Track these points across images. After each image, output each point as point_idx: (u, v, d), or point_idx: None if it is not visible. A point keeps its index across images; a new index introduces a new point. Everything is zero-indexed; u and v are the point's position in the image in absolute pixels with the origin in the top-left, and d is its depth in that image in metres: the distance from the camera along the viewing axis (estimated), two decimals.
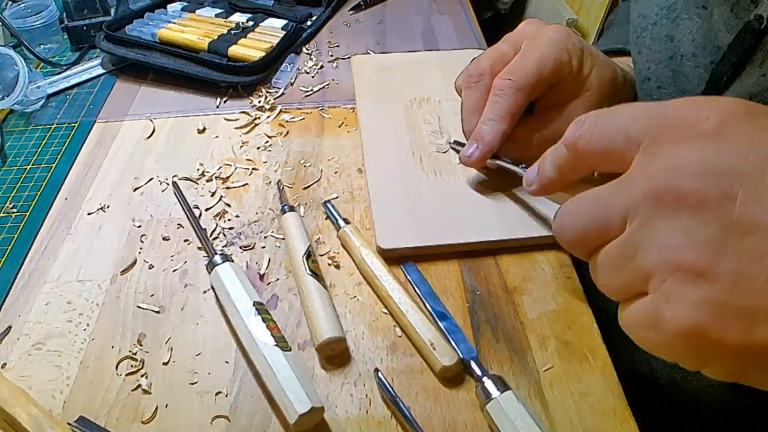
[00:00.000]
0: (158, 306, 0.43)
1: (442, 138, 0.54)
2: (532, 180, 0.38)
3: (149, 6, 0.74)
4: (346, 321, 0.42)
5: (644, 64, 0.47)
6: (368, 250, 0.44)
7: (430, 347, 0.38)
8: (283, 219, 0.47)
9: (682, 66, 0.43)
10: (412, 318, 0.40)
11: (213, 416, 0.37)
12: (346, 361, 0.40)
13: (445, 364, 0.37)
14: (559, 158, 0.35)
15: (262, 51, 0.65)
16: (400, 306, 0.40)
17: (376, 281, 0.42)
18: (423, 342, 0.38)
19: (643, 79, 0.47)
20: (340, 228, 0.47)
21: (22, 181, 0.54)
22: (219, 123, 0.60)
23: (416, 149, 0.53)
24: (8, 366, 0.40)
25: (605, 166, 0.31)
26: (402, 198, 0.48)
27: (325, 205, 0.49)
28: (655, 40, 0.45)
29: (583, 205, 0.30)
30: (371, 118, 0.57)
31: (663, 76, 0.45)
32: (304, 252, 0.43)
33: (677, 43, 0.43)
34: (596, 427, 0.36)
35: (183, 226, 0.49)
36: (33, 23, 0.70)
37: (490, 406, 0.35)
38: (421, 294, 0.43)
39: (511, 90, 0.44)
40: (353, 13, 0.80)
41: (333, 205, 0.49)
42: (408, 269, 0.45)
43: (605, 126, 0.31)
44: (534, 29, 0.47)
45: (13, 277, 0.45)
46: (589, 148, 0.31)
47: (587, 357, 0.39)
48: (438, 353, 0.38)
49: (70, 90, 0.66)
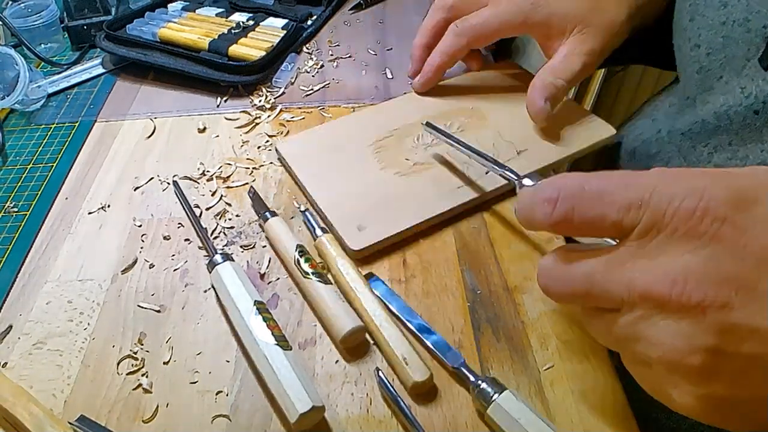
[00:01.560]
0: (159, 305, 0.43)
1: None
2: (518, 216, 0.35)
3: (149, 5, 0.74)
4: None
5: (695, 32, 0.46)
6: (344, 261, 0.43)
7: (403, 362, 0.37)
8: (267, 227, 0.46)
9: (732, 32, 0.43)
10: (386, 332, 0.39)
11: (213, 415, 0.37)
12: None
13: (417, 379, 0.36)
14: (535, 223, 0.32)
15: (262, 50, 0.65)
16: (374, 319, 0.39)
17: (351, 294, 0.41)
18: (395, 356, 0.37)
19: (693, 46, 0.47)
20: (316, 237, 0.45)
21: (23, 180, 0.54)
22: (219, 122, 0.60)
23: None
24: (9, 365, 0.40)
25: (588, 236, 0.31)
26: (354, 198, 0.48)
27: (304, 214, 0.48)
28: (708, 6, 0.45)
29: (571, 278, 0.30)
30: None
31: (713, 43, 0.45)
32: (295, 257, 0.43)
33: (731, 8, 0.43)
34: (597, 426, 0.36)
35: (183, 225, 0.49)
36: (33, 23, 0.70)
37: (492, 409, 0.35)
38: (395, 310, 0.41)
39: (452, 34, 0.55)
40: (353, 13, 0.80)
41: (312, 213, 0.48)
42: (374, 284, 0.43)
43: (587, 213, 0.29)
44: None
45: (13, 276, 0.45)
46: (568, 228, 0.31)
47: (588, 356, 0.39)
48: (410, 368, 0.37)
49: (71, 89, 0.66)
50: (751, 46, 0.42)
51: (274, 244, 0.45)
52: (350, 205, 0.48)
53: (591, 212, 0.29)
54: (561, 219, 0.29)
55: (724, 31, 0.43)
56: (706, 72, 0.45)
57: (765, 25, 0.41)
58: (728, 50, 0.44)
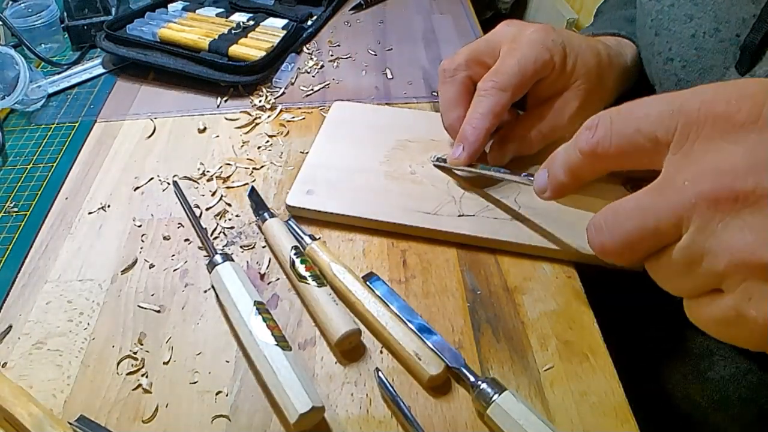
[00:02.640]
0: (159, 305, 0.43)
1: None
2: (543, 186, 0.37)
3: (150, 5, 0.74)
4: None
5: (664, 45, 0.47)
6: (339, 266, 0.43)
7: (416, 358, 0.37)
8: (265, 227, 0.46)
9: (705, 43, 0.43)
10: (393, 330, 0.39)
11: (213, 416, 0.37)
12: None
13: (433, 372, 0.36)
14: (572, 162, 0.34)
15: (262, 50, 0.65)
16: (379, 319, 0.39)
17: (350, 296, 0.41)
18: (408, 353, 0.38)
19: (666, 60, 0.47)
20: (306, 246, 0.45)
21: (23, 180, 0.54)
22: (219, 122, 0.60)
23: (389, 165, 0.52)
24: (9, 365, 0.40)
25: (629, 167, 0.31)
26: (334, 170, 0.50)
27: (287, 224, 0.47)
28: (674, 20, 0.45)
29: (624, 217, 0.29)
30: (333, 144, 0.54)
31: (687, 55, 0.45)
32: (290, 260, 0.43)
33: (698, 20, 0.43)
34: (597, 426, 0.36)
35: (183, 225, 0.49)
36: (34, 23, 0.70)
37: (491, 410, 0.35)
38: (396, 309, 0.41)
39: (494, 90, 0.45)
40: (354, 13, 0.80)
41: (295, 222, 0.47)
42: (375, 284, 0.43)
43: (624, 130, 0.30)
44: (514, 31, 0.48)
45: (13, 276, 0.45)
46: (609, 153, 0.30)
47: (588, 357, 0.39)
48: (424, 363, 0.37)
49: (71, 89, 0.66)
50: (727, 55, 0.42)
51: (272, 245, 0.46)
52: (323, 174, 0.50)
53: (628, 128, 0.29)
54: (602, 137, 0.30)
55: (696, 44, 0.43)
56: (686, 83, 0.45)
57: (737, 34, 0.41)
58: (704, 61, 0.44)
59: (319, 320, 0.40)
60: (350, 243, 0.47)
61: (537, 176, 0.38)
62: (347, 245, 0.47)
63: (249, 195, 0.50)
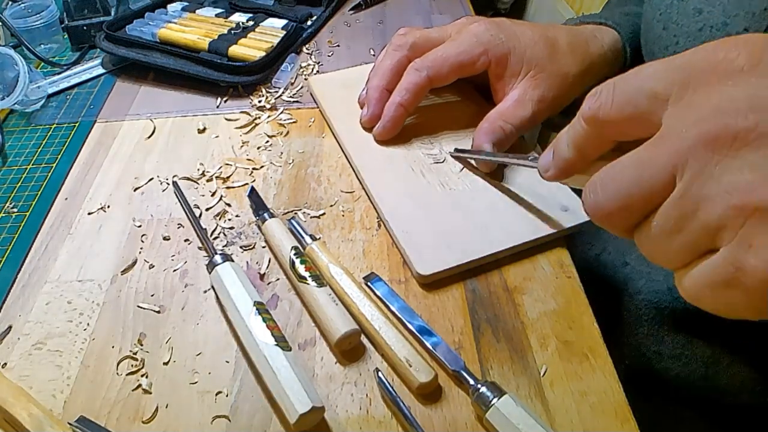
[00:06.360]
0: (158, 306, 0.43)
1: (434, 147, 0.53)
2: (547, 165, 0.36)
3: (149, 6, 0.74)
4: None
5: (671, 39, 0.47)
6: (337, 268, 0.43)
7: (406, 364, 0.37)
8: (264, 228, 0.46)
9: (712, 36, 0.43)
10: (386, 335, 0.39)
11: (213, 416, 0.37)
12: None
13: (423, 380, 0.36)
14: (577, 135, 0.33)
15: (262, 51, 0.65)
16: (373, 323, 0.39)
17: (347, 299, 0.41)
18: (398, 359, 0.37)
19: (672, 54, 0.47)
20: (306, 246, 0.45)
21: (23, 181, 0.54)
22: (219, 123, 0.60)
23: (414, 164, 0.51)
24: (9, 366, 0.40)
25: (631, 133, 0.30)
26: (423, 218, 0.46)
27: (290, 222, 0.47)
28: (682, 14, 0.45)
29: (620, 172, 0.28)
30: (354, 139, 0.54)
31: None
32: (289, 260, 0.43)
33: (707, 14, 0.43)
34: (597, 426, 0.36)
35: (183, 225, 0.49)
36: (33, 23, 0.70)
37: (490, 414, 0.34)
38: (396, 310, 0.41)
39: (412, 70, 0.51)
40: (353, 13, 0.80)
41: (298, 222, 0.47)
42: (375, 284, 0.43)
43: (625, 90, 0.29)
44: (463, 24, 0.53)
45: (13, 277, 0.45)
46: (611, 116, 0.30)
47: (587, 356, 0.39)
48: (414, 370, 0.37)
49: (71, 90, 0.66)
50: None
51: (271, 245, 0.45)
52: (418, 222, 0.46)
53: (629, 88, 0.29)
54: (604, 101, 0.30)
55: (703, 37, 0.44)
56: None
57: (745, 28, 0.41)
58: None
59: (319, 320, 0.40)
60: (350, 243, 0.47)
61: (542, 156, 0.37)
62: (347, 245, 0.47)
63: (249, 195, 0.50)
